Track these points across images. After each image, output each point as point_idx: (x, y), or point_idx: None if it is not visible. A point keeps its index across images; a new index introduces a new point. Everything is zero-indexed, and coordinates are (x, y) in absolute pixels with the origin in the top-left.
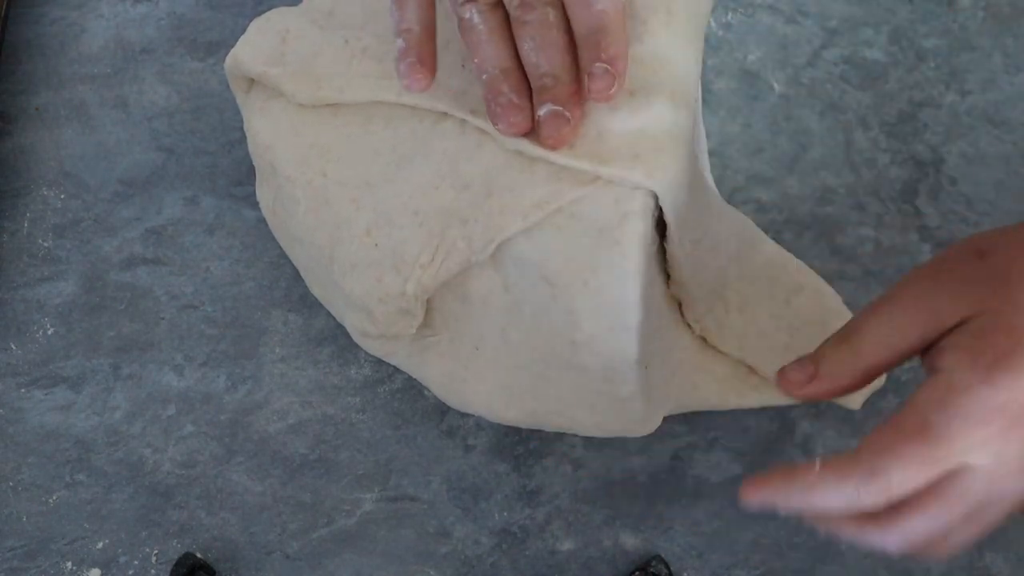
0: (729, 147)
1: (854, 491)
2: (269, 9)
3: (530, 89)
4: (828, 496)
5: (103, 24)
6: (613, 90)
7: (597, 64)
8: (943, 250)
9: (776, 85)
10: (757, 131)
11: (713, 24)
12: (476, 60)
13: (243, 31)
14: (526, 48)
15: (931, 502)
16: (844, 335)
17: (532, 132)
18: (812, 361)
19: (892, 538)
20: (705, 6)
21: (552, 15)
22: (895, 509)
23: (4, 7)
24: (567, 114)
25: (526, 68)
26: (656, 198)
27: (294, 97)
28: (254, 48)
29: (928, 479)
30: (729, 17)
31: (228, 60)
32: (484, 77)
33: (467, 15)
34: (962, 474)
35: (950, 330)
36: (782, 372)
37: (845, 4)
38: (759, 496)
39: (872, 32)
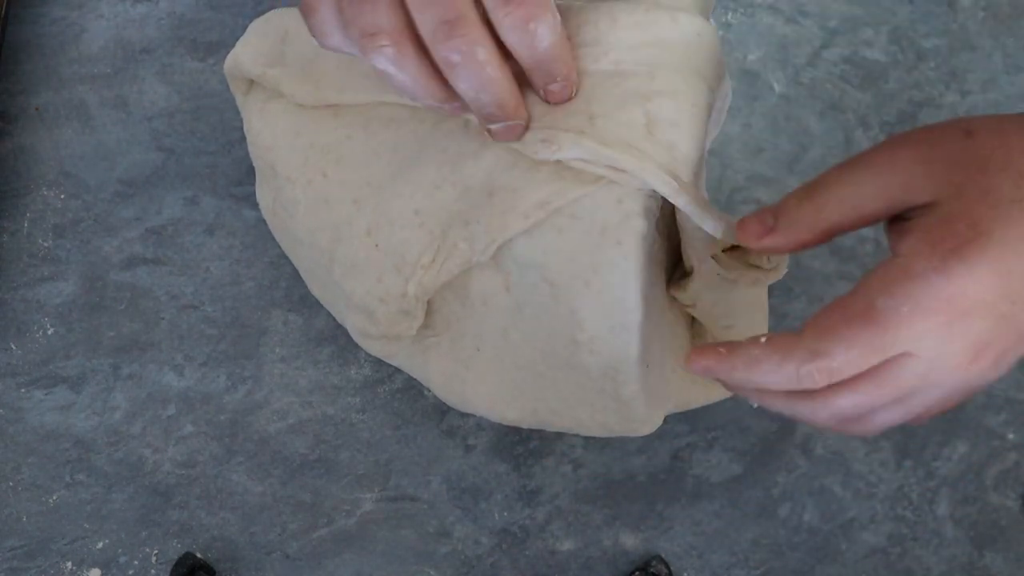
0: (729, 147)
1: (794, 371)
2: (269, 9)
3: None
4: (769, 373)
5: (103, 24)
6: (569, 94)
7: (553, 84)
8: (930, 124)
9: (776, 85)
10: (757, 131)
11: (713, 24)
12: (415, 100)
13: (243, 31)
14: (463, 88)
15: (865, 385)
16: (809, 189)
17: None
18: (772, 213)
19: (821, 414)
20: (709, 4)
21: (482, 53)
22: (829, 387)
23: (4, 7)
24: (520, 123)
25: (467, 101)
26: (658, 197)
27: (294, 98)
28: (254, 49)
29: (869, 364)
30: (729, 17)
31: (228, 61)
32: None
33: (379, 63)
34: (901, 360)
35: (918, 207)
36: (741, 222)
37: (845, 4)
38: (703, 363)
39: (872, 32)
